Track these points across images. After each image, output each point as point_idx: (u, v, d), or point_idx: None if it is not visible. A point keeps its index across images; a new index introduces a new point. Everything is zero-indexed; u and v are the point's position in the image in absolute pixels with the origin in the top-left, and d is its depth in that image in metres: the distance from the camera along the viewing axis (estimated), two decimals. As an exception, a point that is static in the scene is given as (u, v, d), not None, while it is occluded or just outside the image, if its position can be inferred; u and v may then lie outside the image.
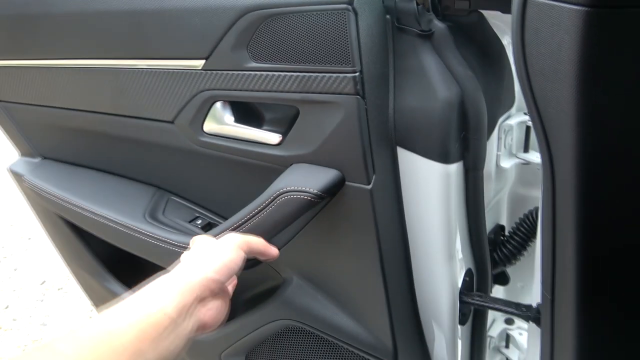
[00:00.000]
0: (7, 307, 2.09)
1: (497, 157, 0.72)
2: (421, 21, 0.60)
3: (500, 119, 0.70)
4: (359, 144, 0.60)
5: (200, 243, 0.56)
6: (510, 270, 0.86)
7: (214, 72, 0.66)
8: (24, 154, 1.01)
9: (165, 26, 0.67)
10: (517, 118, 0.72)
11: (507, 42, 0.66)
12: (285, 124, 0.66)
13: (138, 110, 0.77)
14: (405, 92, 0.63)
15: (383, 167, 0.64)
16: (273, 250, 0.60)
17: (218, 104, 0.69)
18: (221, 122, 0.70)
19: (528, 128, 0.72)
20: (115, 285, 1.00)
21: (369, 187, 0.62)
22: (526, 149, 0.73)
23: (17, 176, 0.97)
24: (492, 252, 0.80)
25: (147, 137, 0.79)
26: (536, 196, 0.70)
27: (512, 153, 0.74)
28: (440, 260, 0.70)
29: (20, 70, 0.87)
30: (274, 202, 0.63)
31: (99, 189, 0.88)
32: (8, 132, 0.99)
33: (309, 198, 0.61)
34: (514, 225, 0.79)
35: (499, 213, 0.84)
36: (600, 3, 0.34)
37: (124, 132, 0.82)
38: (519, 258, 0.80)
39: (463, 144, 0.64)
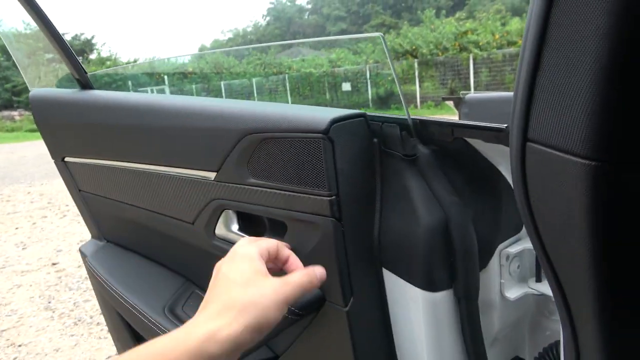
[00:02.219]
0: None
1: (501, 285, 0.66)
2: (405, 146, 0.61)
3: (501, 245, 0.66)
4: (335, 264, 0.61)
5: (247, 271, 0.50)
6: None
7: (223, 183, 0.72)
8: (93, 236, 1.16)
9: (188, 141, 0.76)
10: (523, 244, 0.67)
11: (504, 168, 0.64)
12: (281, 237, 0.69)
13: (168, 209, 0.85)
14: (391, 214, 0.63)
15: (364, 290, 0.63)
16: (317, 274, 0.55)
17: (227, 212, 0.75)
18: (228, 229, 0.76)
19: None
20: None
21: (346, 309, 0.61)
22: (538, 279, 0.67)
23: (83, 256, 1.11)
24: (507, 389, 0.72)
25: (176, 233, 0.87)
26: (559, 329, 0.63)
27: (523, 282, 0.68)
28: (434, 392, 0.65)
29: (94, 167, 1.02)
30: None
31: (137, 276, 0.97)
32: (84, 217, 1.15)
33: (285, 314, 0.62)
34: (534, 361, 0.71)
35: (519, 345, 0.75)
36: (609, 158, 0.30)
37: (160, 227, 0.91)
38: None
39: (451, 271, 0.61)
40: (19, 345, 2.55)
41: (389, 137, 0.62)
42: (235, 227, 0.75)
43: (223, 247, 0.76)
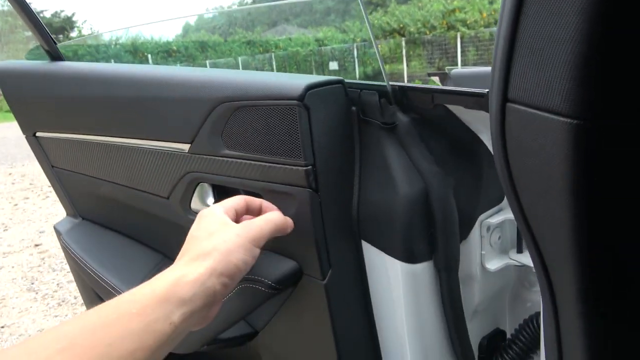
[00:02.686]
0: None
1: (482, 256, 0.65)
2: (384, 114, 0.59)
3: (482, 216, 0.64)
4: (312, 237, 0.59)
5: (211, 225, 0.52)
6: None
7: (197, 155, 0.70)
8: (68, 214, 1.12)
9: (160, 112, 0.73)
10: (504, 215, 0.65)
11: (485, 137, 0.62)
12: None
13: (142, 184, 0.83)
14: (369, 185, 0.61)
15: (342, 262, 0.62)
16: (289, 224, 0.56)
17: (202, 185, 0.73)
18: (203, 203, 0.73)
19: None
20: None
21: (324, 282, 0.60)
22: (519, 250, 0.66)
23: (58, 233, 1.08)
24: (488, 360, 0.71)
25: (151, 209, 0.84)
26: (539, 300, 0.62)
27: (504, 253, 0.67)
28: (413, 365, 0.64)
29: (66, 142, 0.98)
30: (234, 289, 0.63)
31: (113, 253, 0.94)
32: (58, 194, 1.11)
33: (263, 289, 0.60)
34: (514, 332, 0.70)
35: (499, 316, 0.75)
36: (591, 115, 0.29)
37: (134, 203, 0.88)
38: (523, 369, 0.70)
39: (431, 243, 0.60)
40: (1, 327, 2.52)
41: (368, 105, 0.60)
42: (210, 200, 0.73)
43: None
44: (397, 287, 0.61)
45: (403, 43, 15.52)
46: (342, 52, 16.78)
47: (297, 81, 0.57)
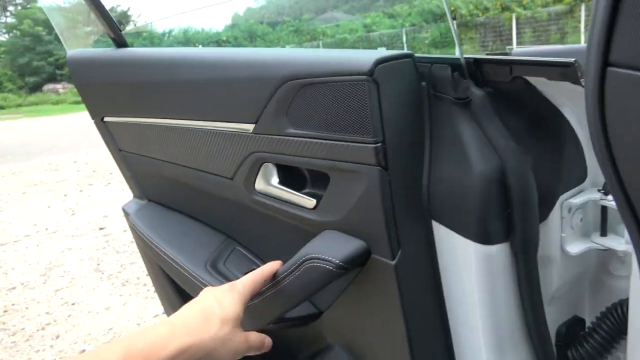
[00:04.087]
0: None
1: (562, 239, 0.62)
2: (457, 88, 0.56)
3: (563, 196, 0.60)
4: (381, 216, 0.57)
5: (207, 300, 0.56)
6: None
7: (262, 135, 0.70)
8: (135, 195, 1.17)
9: (224, 93, 0.73)
10: (587, 195, 0.61)
11: (568, 111, 0.58)
12: (323, 189, 0.66)
13: (207, 165, 0.84)
14: (441, 163, 0.59)
15: (412, 243, 0.60)
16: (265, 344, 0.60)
17: (267, 165, 0.73)
18: (268, 183, 0.73)
19: (604, 208, 0.60)
20: None
21: (393, 262, 0.58)
22: (603, 233, 0.61)
23: (126, 214, 1.12)
24: (564, 349, 0.68)
25: (215, 190, 0.86)
26: (624, 287, 0.58)
27: (586, 236, 0.63)
28: (486, 350, 0.62)
29: (133, 126, 1.02)
30: (299, 268, 0.63)
31: (179, 233, 0.97)
32: (125, 176, 1.15)
33: (331, 268, 0.60)
34: (595, 320, 0.66)
35: (578, 303, 0.71)
36: None
37: (199, 184, 0.90)
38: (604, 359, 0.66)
39: (508, 223, 0.57)
40: (73, 304, 2.69)
41: (439, 80, 0.57)
42: (275, 180, 0.73)
43: (263, 201, 0.74)
44: (469, 270, 0.59)
45: (454, 26, 15.02)
46: (390, 38, 16.46)
47: (365, 56, 0.56)
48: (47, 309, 2.67)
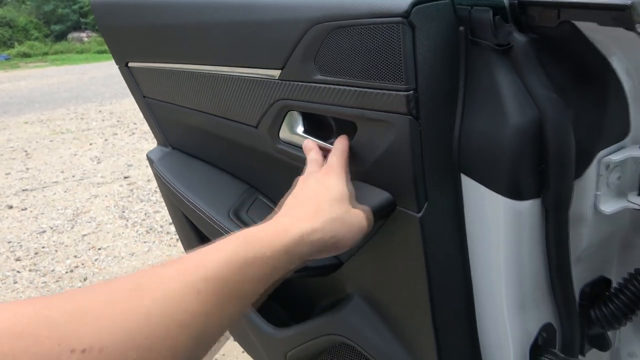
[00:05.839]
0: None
1: (596, 197, 0.59)
2: (498, 34, 0.52)
3: (601, 153, 0.58)
4: (409, 167, 0.56)
5: (332, 187, 0.55)
6: (618, 333, 0.70)
7: (288, 82, 0.68)
8: (159, 143, 1.17)
9: (250, 37, 0.71)
10: (627, 152, 0.58)
11: (616, 60, 0.54)
12: (350, 139, 0.65)
13: (231, 113, 0.83)
14: (475, 113, 0.56)
15: (439, 196, 0.58)
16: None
17: (292, 113, 0.71)
18: (293, 132, 0.72)
19: (645, 166, 0.58)
20: None
21: (419, 215, 0.57)
22: (641, 192, 0.59)
23: (150, 161, 1.13)
24: (588, 309, 0.67)
25: (239, 138, 0.85)
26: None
27: (621, 195, 0.60)
28: (508, 308, 0.61)
29: (157, 72, 1.01)
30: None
31: (202, 181, 0.97)
32: (149, 123, 1.15)
33: None
34: (622, 281, 0.64)
35: (605, 264, 0.69)
36: None
37: (223, 132, 0.89)
38: (627, 321, 0.65)
39: (541, 178, 0.55)
40: (99, 249, 2.79)
41: (479, 24, 0.54)
42: (300, 129, 0.71)
43: (287, 150, 0.73)
44: (497, 224, 0.57)
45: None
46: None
47: None
48: (75, 252, 2.77)
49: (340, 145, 0.62)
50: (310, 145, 0.66)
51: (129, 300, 0.34)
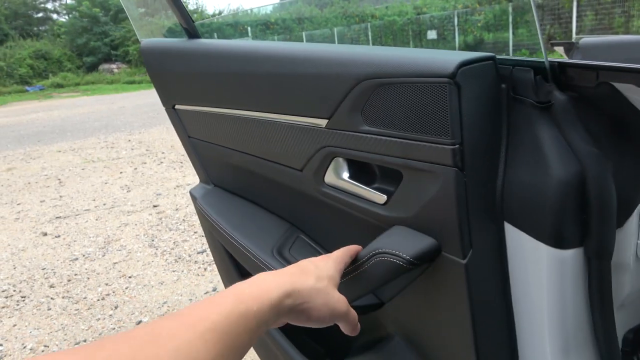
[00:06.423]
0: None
1: (637, 246, 0.61)
2: (539, 92, 0.56)
3: None
4: (455, 216, 0.59)
5: (321, 268, 0.58)
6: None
7: (335, 131, 0.72)
8: (202, 180, 1.22)
9: (298, 88, 0.76)
10: None
11: (654, 116, 0.56)
12: (394, 186, 0.68)
13: (277, 156, 0.87)
14: (517, 165, 0.59)
15: (484, 243, 0.61)
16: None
17: (337, 160, 0.75)
18: (338, 176, 0.76)
19: (685, 217, 0.59)
20: None
21: (464, 261, 0.60)
22: (682, 241, 0.60)
23: (194, 198, 1.18)
24: (631, 355, 0.67)
25: (283, 180, 0.89)
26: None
27: (663, 244, 0.62)
28: (551, 353, 0.62)
29: (204, 115, 1.06)
30: (369, 260, 0.66)
31: (245, 219, 1.02)
32: (193, 162, 1.21)
33: (401, 263, 0.62)
34: (666, 329, 0.65)
35: (647, 310, 0.70)
36: None
37: (268, 173, 0.93)
38: (672, 370, 0.65)
39: (584, 228, 0.57)
40: (129, 277, 2.84)
41: (521, 82, 0.57)
42: (345, 175, 0.75)
43: (332, 194, 0.77)
44: (540, 273, 0.59)
45: (510, 9, 14.42)
46: (441, 20, 16.02)
47: (447, 57, 0.56)
48: (106, 280, 2.84)
49: (349, 249, 0.65)
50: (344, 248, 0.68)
51: (146, 350, 0.38)
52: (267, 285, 0.50)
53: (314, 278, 0.54)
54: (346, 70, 0.67)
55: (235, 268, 1.12)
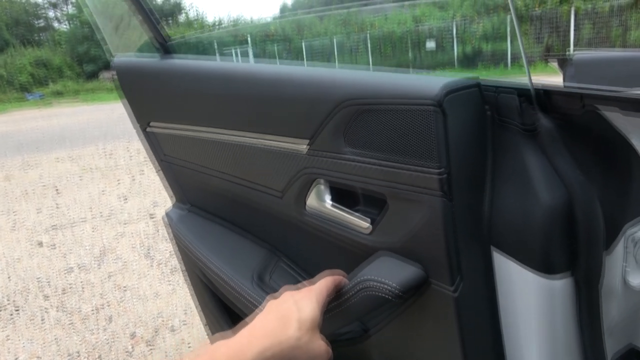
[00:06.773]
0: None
1: (624, 271, 0.60)
2: (524, 116, 0.55)
3: (627, 228, 0.59)
4: (443, 244, 0.58)
5: (285, 303, 0.57)
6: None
7: (316, 153, 0.70)
8: (177, 200, 1.19)
9: (279, 110, 0.74)
10: None
11: (637, 141, 0.56)
12: (378, 209, 0.67)
13: (256, 179, 0.85)
14: (504, 192, 0.59)
15: (472, 270, 0.60)
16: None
17: (319, 184, 0.74)
18: (320, 201, 0.74)
19: (671, 242, 0.59)
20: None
21: (453, 289, 0.59)
22: (670, 267, 0.60)
23: (170, 220, 1.14)
24: (620, 382, 0.66)
25: (264, 204, 0.87)
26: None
27: (650, 270, 0.61)
28: (540, 380, 0.62)
29: (179, 135, 1.02)
30: (356, 295, 0.63)
31: (223, 242, 0.99)
32: (167, 182, 1.17)
33: (388, 297, 0.60)
34: (655, 355, 0.64)
35: (634, 334, 0.69)
36: None
37: (247, 196, 0.91)
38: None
39: (571, 253, 0.56)
40: (124, 289, 2.82)
41: (505, 107, 0.57)
42: (328, 199, 0.74)
43: (314, 221, 0.75)
44: (529, 299, 0.59)
45: (508, 20, 14.49)
46: (440, 31, 16.10)
47: (431, 82, 0.56)
48: (101, 291, 2.81)
49: (332, 280, 0.63)
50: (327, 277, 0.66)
51: None
52: (242, 347, 0.50)
53: (295, 327, 0.53)
54: (328, 92, 0.66)
55: (214, 299, 1.09)
